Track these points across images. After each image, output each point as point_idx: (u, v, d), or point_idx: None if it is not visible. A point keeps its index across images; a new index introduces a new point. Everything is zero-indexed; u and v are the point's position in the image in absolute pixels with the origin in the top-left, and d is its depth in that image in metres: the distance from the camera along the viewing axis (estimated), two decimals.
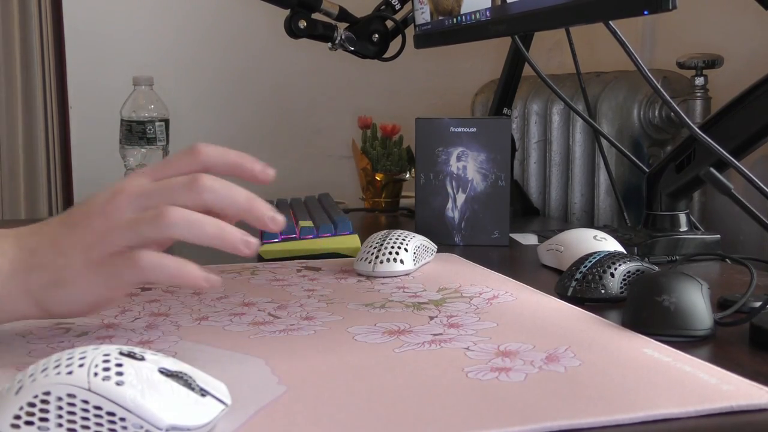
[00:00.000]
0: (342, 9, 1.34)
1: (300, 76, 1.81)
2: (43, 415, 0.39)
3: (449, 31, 1.18)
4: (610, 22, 0.84)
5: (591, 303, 0.73)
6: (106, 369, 0.40)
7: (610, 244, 0.87)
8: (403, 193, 1.52)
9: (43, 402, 0.40)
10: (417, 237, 0.90)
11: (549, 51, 1.74)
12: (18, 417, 0.39)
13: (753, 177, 0.71)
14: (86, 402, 0.40)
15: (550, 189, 1.46)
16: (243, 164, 0.57)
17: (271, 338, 0.62)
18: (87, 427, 0.39)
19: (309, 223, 1.04)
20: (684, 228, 1.00)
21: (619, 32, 0.83)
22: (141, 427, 0.40)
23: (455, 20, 1.15)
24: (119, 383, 0.40)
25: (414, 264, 0.86)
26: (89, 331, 0.64)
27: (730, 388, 0.50)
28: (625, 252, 0.84)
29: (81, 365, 0.40)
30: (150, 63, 1.68)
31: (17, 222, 1.54)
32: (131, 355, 0.42)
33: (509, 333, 0.63)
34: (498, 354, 0.57)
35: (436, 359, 0.56)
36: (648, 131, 1.30)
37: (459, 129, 1.05)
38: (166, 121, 1.34)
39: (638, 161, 1.09)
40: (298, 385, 0.51)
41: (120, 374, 0.40)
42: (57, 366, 0.40)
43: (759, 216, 0.65)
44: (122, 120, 1.33)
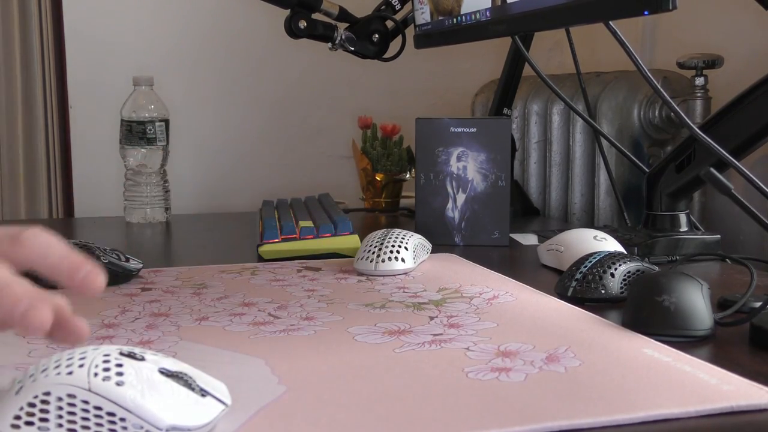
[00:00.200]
0: (342, 9, 1.34)
1: (300, 76, 1.81)
2: (44, 416, 0.39)
3: (449, 31, 1.18)
4: (610, 22, 0.84)
5: (591, 303, 0.73)
6: (106, 369, 0.40)
7: (610, 244, 0.87)
8: (403, 193, 1.52)
9: (44, 402, 0.40)
10: (415, 236, 0.91)
11: (549, 51, 1.74)
12: (18, 417, 0.39)
13: (753, 177, 0.71)
14: (86, 402, 0.40)
15: (550, 189, 1.46)
16: (64, 267, 0.45)
17: (271, 338, 0.62)
18: (87, 428, 0.39)
19: (309, 223, 1.04)
20: (684, 228, 1.00)
21: (619, 32, 0.83)
22: (141, 428, 0.40)
23: (455, 20, 1.15)
24: (119, 383, 0.40)
25: (414, 262, 0.87)
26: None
27: (730, 388, 0.50)
28: (625, 252, 0.84)
29: (81, 365, 0.40)
30: (150, 63, 1.68)
31: (17, 222, 1.54)
32: (131, 356, 0.42)
33: (509, 333, 0.63)
34: (498, 354, 0.57)
35: (436, 359, 0.56)
36: (648, 131, 1.30)
37: (459, 129, 1.05)
38: (166, 121, 1.34)
39: (638, 161, 1.09)
40: (298, 385, 0.51)
41: (120, 374, 0.40)
42: (57, 366, 0.40)
43: (759, 216, 0.65)
44: (122, 120, 1.33)
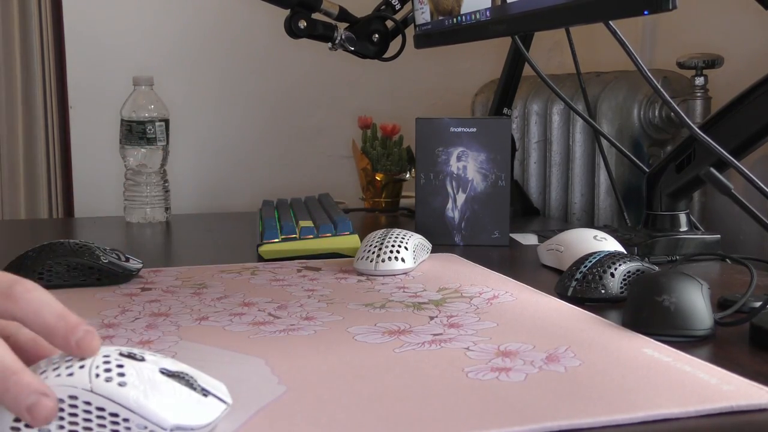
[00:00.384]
0: (342, 9, 1.34)
1: (300, 76, 1.81)
2: None
3: (449, 31, 1.18)
4: (610, 22, 0.84)
5: (591, 303, 0.73)
6: (108, 370, 0.40)
7: (610, 244, 0.87)
8: (403, 193, 1.52)
9: None
10: (415, 235, 0.91)
11: (549, 51, 1.74)
12: (18, 420, 0.39)
13: (753, 177, 0.71)
14: (88, 403, 0.39)
15: (550, 189, 1.46)
16: (59, 329, 0.42)
17: (271, 338, 0.62)
18: (89, 429, 0.39)
19: (309, 223, 1.04)
20: (684, 228, 1.00)
21: (619, 32, 0.84)
22: (145, 428, 0.40)
23: (455, 20, 1.15)
24: (122, 384, 0.40)
25: (414, 262, 0.87)
26: None
27: (730, 388, 0.50)
28: (625, 252, 0.84)
29: (81, 366, 0.40)
30: (150, 63, 1.68)
31: (17, 222, 1.54)
32: (131, 356, 0.42)
33: (509, 333, 0.63)
34: (498, 354, 0.57)
35: (436, 359, 0.56)
36: (648, 131, 1.30)
37: (459, 129, 1.06)
38: (166, 121, 1.34)
39: (638, 161, 1.09)
40: (298, 385, 0.51)
41: (122, 375, 0.40)
42: (56, 368, 0.40)
43: (759, 216, 0.65)
44: (122, 120, 1.33)
